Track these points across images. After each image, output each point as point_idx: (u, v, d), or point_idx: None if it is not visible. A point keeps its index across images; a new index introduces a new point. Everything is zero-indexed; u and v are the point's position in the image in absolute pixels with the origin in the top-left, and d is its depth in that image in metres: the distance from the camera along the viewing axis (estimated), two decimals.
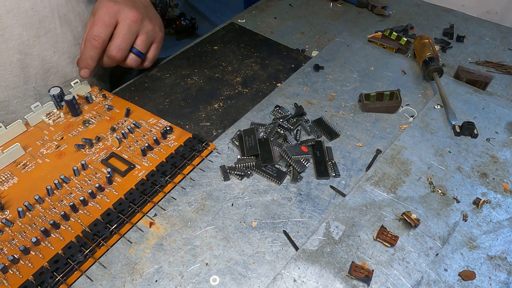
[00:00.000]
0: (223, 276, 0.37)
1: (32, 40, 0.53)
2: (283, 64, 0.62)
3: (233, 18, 0.73)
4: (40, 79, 0.57)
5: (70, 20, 0.57)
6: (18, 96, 0.56)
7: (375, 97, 0.53)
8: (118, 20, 0.53)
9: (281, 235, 0.40)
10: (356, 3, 0.75)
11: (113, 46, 0.53)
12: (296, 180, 0.45)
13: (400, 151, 0.48)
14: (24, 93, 0.56)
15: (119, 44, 0.53)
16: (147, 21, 0.55)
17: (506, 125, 0.51)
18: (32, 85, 0.56)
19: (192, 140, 0.48)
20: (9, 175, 0.46)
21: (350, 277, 0.37)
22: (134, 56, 0.55)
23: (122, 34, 0.53)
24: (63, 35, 0.56)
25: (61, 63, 0.58)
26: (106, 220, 0.41)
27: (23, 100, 0.56)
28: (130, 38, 0.54)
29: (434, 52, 0.58)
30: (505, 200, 0.43)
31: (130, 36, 0.53)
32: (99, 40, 0.52)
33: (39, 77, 0.56)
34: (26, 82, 0.55)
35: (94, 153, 0.48)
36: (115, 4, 0.52)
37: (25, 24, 0.52)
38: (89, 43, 0.52)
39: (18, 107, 0.56)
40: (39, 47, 0.54)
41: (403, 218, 0.40)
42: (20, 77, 0.54)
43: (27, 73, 0.55)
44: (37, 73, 0.56)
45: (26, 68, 0.54)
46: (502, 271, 0.37)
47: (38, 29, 0.53)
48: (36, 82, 0.56)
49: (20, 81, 0.55)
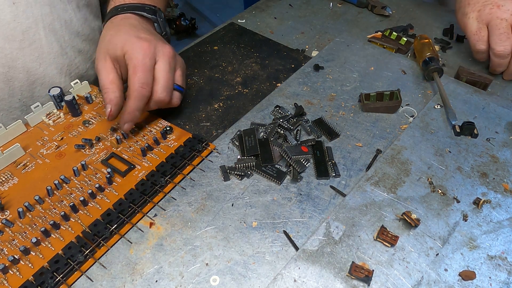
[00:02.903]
0: (223, 276, 0.37)
1: (15, 52, 0.51)
2: (283, 64, 0.62)
3: (233, 18, 0.73)
4: (26, 91, 0.54)
5: (55, 30, 0.54)
6: (3, 109, 0.53)
7: (375, 97, 0.53)
8: (156, 59, 0.48)
9: (281, 235, 0.40)
10: (356, 3, 0.75)
11: (160, 89, 0.48)
12: (296, 180, 0.45)
13: (400, 151, 0.48)
14: (9, 105, 0.54)
15: (165, 86, 0.48)
16: (176, 53, 0.52)
17: (506, 125, 0.51)
18: (17, 97, 0.54)
19: (192, 140, 0.48)
20: (9, 175, 0.46)
21: (350, 277, 0.37)
22: (178, 93, 0.51)
23: (165, 74, 0.48)
24: (48, 45, 0.53)
25: (48, 74, 0.55)
26: (106, 221, 0.41)
27: (8, 112, 0.54)
28: (172, 77, 0.49)
29: (434, 52, 0.58)
30: (505, 200, 0.43)
31: (171, 74, 0.49)
32: (148, 88, 0.47)
33: (24, 89, 0.54)
34: (12, 95, 0.53)
35: (94, 153, 0.48)
36: (150, 44, 0.47)
37: (7, 36, 0.49)
38: (137, 93, 0.46)
39: (4, 120, 0.54)
40: (23, 60, 0.52)
41: (403, 218, 0.40)
42: (5, 90, 0.52)
43: (11, 86, 0.52)
44: (22, 85, 0.53)
45: (10, 81, 0.52)
46: (502, 271, 0.37)
47: (22, 41, 0.51)
48: (22, 94, 0.54)
49: (5, 94, 0.52)
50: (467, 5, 0.59)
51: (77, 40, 0.57)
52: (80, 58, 0.59)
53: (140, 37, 0.48)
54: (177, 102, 0.51)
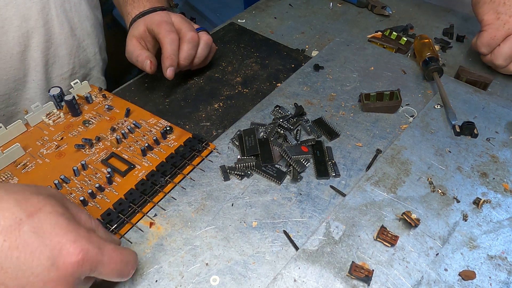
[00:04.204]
0: (223, 276, 0.37)
1: (31, 31, 0.54)
2: (283, 64, 0.62)
3: (233, 18, 0.73)
4: (40, 72, 0.57)
5: (66, 11, 0.57)
6: (18, 89, 0.56)
7: (375, 97, 0.53)
8: (171, 18, 0.55)
9: (281, 235, 0.40)
10: (356, 3, 0.75)
11: (185, 29, 0.54)
12: (296, 180, 0.45)
13: (400, 151, 0.48)
14: (24, 85, 0.56)
15: (188, 27, 0.55)
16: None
17: (506, 125, 0.51)
18: (32, 78, 0.57)
19: (192, 140, 0.48)
20: (9, 175, 0.46)
21: (350, 277, 0.37)
22: (204, 32, 0.57)
23: (183, 20, 0.56)
24: (59, 26, 0.57)
25: (58, 54, 0.58)
26: (106, 220, 0.41)
27: (23, 92, 0.56)
28: (190, 22, 0.57)
29: (434, 52, 0.58)
30: (505, 200, 0.43)
31: (188, 21, 0.57)
32: (174, 32, 0.53)
33: (39, 69, 0.57)
34: (26, 74, 0.56)
35: (94, 153, 0.48)
36: (164, 12, 0.56)
37: (23, 15, 0.52)
38: (167, 38, 0.52)
39: (18, 100, 0.57)
40: (38, 39, 0.55)
41: (403, 218, 0.40)
42: (20, 70, 0.55)
43: (26, 65, 0.55)
44: (37, 65, 0.56)
45: (26, 61, 0.55)
46: (502, 271, 0.37)
47: (37, 20, 0.54)
48: (36, 75, 0.57)
49: (21, 74, 0.55)
50: (502, 4, 0.55)
51: (86, 23, 0.61)
52: (89, 41, 0.63)
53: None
54: (209, 38, 0.57)
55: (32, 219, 0.28)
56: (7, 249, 0.27)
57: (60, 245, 0.28)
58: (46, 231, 0.28)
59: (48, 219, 0.28)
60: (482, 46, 0.57)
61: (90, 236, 0.30)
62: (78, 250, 0.28)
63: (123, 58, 0.56)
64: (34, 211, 0.28)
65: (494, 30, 0.55)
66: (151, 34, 0.54)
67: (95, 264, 0.29)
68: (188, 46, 0.53)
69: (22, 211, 0.28)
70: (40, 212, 0.28)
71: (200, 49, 0.55)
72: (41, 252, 0.27)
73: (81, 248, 0.28)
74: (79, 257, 0.28)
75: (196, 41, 0.54)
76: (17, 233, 0.27)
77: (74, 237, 0.29)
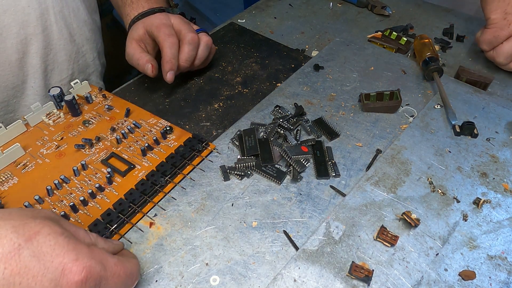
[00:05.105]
0: (223, 276, 0.37)
1: (29, 38, 0.53)
2: (283, 64, 0.62)
3: (233, 18, 0.73)
4: (39, 78, 0.57)
5: (65, 17, 0.57)
6: (16, 96, 0.56)
7: (375, 97, 0.53)
8: (170, 20, 0.55)
9: (281, 235, 0.40)
10: (356, 3, 0.75)
11: (185, 31, 0.54)
12: (296, 180, 0.45)
13: (400, 151, 0.48)
14: (22, 92, 0.56)
15: (188, 28, 0.55)
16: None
17: (506, 125, 0.51)
18: (31, 84, 0.56)
19: (192, 140, 0.48)
20: (9, 175, 0.46)
21: (350, 277, 0.37)
22: (203, 33, 0.57)
23: (183, 21, 0.56)
24: (58, 31, 0.57)
25: (57, 60, 0.58)
26: (106, 220, 0.41)
27: (21, 99, 0.56)
28: (189, 24, 0.57)
29: (434, 52, 0.58)
30: (505, 200, 0.43)
31: (188, 23, 0.57)
32: (174, 36, 0.53)
33: (37, 76, 0.56)
34: (25, 81, 0.55)
35: (94, 153, 0.48)
36: (163, 14, 0.56)
37: (22, 22, 0.52)
38: (167, 42, 0.52)
39: (16, 107, 0.56)
40: (36, 45, 0.54)
41: (403, 218, 0.40)
42: (19, 76, 0.54)
43: (25, 72, 0.55)
44: (36, 71, 0.56)
45: (24, 67, 0.54)
46: (502, 271, 0.37)
47: (35, 27, 0.53)
48: (35, 81, 0.56)
49: (19, 80, 0.55)
50: (511, 4, 0.54)
51: (84, 29, 0.61)
52: (88, 46, 0.62)
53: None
54: (209, 39, 0.56)
55: (31, 243, 0.28)
56: (8, 276, 0.27)
57: (62, 266, 0.28)
58: (46, 253, 0.28)
59: (47, 241, 0.28)
60: (484, 43, 0.57)
61: (92, 252, 0.30)
62: (81, 268, 0.28)
63: (123, 58, 0.56)
64: (32, 235, 0.28)
65: (498, 29, 0.55)
66: (150, 36, 0.54)
67: (98, 280, 0.29)
68: (189, 47, 0.53)
69: (20, 236, 0.28)
70: (38, 235, 0.28)
71: (200, 50, 0.55)
72: (43, 275, 0.27)
73: (83, 266, 0.28)
74: (82, 275, 0.28)
75: (196, 42, 0.54)
76: (17, 259, 0.27)
77: (75, 256, 0.29)
